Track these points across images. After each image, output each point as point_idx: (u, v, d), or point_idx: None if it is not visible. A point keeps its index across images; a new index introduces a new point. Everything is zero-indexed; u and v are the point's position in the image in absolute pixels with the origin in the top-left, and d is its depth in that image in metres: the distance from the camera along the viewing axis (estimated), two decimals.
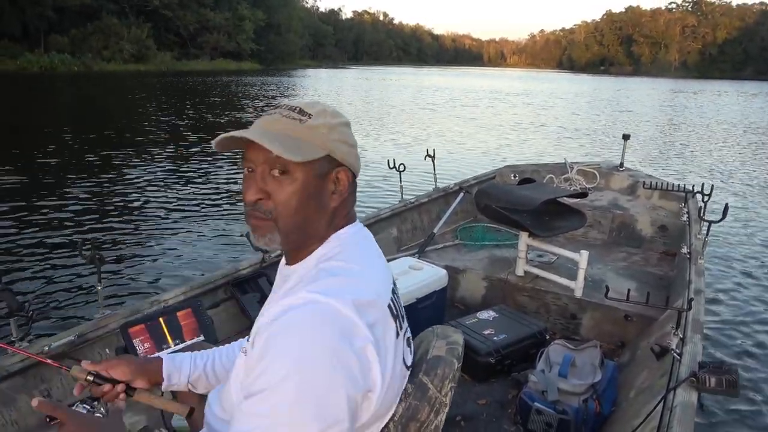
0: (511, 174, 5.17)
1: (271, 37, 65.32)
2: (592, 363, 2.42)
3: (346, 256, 0.88)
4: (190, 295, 2.47)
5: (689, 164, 11.49)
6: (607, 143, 13.80)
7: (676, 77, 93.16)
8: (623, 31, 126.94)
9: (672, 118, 21.80)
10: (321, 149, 0.87)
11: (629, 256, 4.00)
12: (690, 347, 2.00)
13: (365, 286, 0.83)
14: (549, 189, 3.93)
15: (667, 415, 1.64)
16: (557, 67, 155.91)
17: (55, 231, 6.11)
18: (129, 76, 34.52)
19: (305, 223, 0.88)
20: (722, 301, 4.61)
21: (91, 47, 40.73)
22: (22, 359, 1.89)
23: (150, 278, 4.92)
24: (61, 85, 26.03)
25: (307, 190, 0.86)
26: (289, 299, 0.79)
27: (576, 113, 22.61)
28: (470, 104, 25.25)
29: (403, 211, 4.07)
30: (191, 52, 53.86)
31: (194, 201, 7.65)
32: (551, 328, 3.11)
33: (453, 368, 0.94)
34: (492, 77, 66.57)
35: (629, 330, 2.93)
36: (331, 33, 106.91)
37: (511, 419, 2.37)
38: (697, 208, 3.87)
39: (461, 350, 1.00)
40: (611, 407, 2.29)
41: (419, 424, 0.87)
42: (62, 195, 7.65)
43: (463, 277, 3.50)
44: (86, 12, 41.21)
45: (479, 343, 2.62)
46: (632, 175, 5.15)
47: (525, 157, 11.24)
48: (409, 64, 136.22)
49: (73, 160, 10.24)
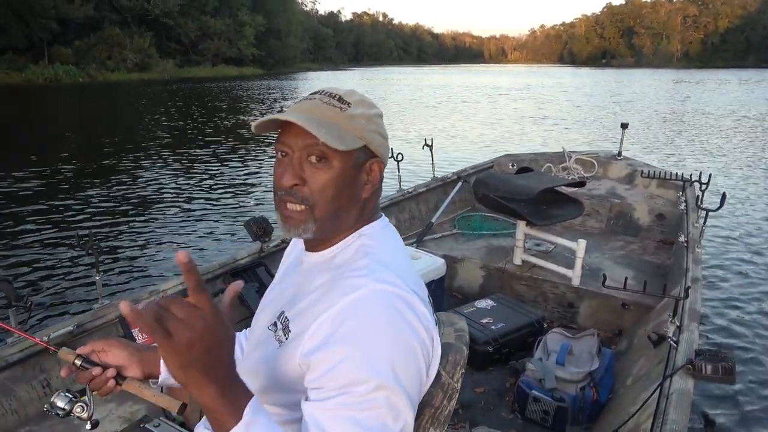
0: (509, 163, 5.16)
1: (271, 41, 65.98)
2: (590, 351, 2.44)
3: (389, 251, 0.88)
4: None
5: (687, 152, 11.48)
6: (607, 134, 13.78)
7: (679, 68, 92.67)
8: (624, 23, 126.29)
9: (672, 108, 21.76)
10: (359, 139, 0.86)
11: (627, 244, 4.01)
12: (687, 335, 2.01)
13: (415, 279, 0.85)
14: (547, 178, 3.93)
15: (664, 402, 1.66)
16: (558, 62, 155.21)
17: (54, 223, 6.11)
18: (133, 85, 35.16)
19: (339, 212, 0.87)
20: (719, 290, 4.63)
21: (95, 58, 41.33)
22: (21, 349, 1.90)
23: (148, 268, 4.92)
24: (67, 96, 26.42)
25: (343, 180, 0.85)
26: (354, 288, 0.78)
27: (577, 105, 22.59)
28: (471, 100, 25.26)
29: (401, 200, 4.07)
30: (193, 59, 54.31)
31: (192, 194, 7.65)
32: (549, 316, 3.13)
33: (463, 354, 0.94)
34: (493, 74, 66.45)
35: (626, 318, 2.94)
36: (331, 35, 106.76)
37: (508, 407, 2.39)
38: (694, 196, 3.87)
39: (468, 337, 1.00)
40: (608, 395, 2.31)
41: (433, 410, 0.88)
42: (63, 190, 7.65)
43: (461, 266, 3.51)
44: (89, 23, 41.70)
45: (477, 332, 2.64)
46: (630, 164, 5.15)
47: (525, 147, 11.22)
48: (409, 64, 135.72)
49: (74, 161, 10.25)
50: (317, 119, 0.83)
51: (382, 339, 0.73)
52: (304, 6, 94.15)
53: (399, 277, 0.79)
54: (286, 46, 71.19)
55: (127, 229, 5.99)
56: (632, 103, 23.61)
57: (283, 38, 69.96)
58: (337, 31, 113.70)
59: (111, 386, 0.93)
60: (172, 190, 7.74)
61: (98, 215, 6.45)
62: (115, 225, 6.13)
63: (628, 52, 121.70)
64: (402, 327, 0.75)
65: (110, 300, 2.26)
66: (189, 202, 7.15)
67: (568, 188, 3.85)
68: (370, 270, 0.80)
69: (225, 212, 6.71)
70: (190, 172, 8.85)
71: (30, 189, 7.47)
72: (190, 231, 6.00)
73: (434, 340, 0.81)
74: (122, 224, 6.16)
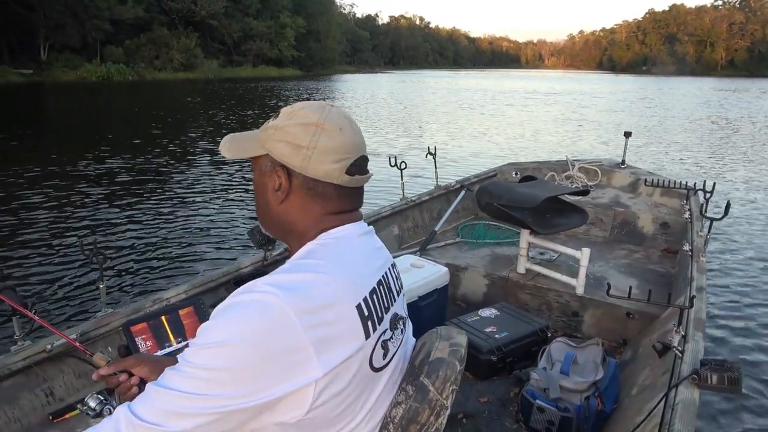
0: (513, 171, 5.16)
1: (310, 43, 67.83)
2: (594, 360, 2.42)
3: (319, 256, 0.87)
4: (191, 293, 2.47)
5: (690, 162, 11.46)
6: (661, 146, 13.32)
7: (723, 76, 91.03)
8: (666, 29, 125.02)
9: (709, 116, 21.67)
10: (260, 148, 0.93)
11: (631, 253, 3.99)
12: (692, 345, 2.00)
13: (322, 286, 0.82)
14: (550, 186, 3.92)
15: (669, 412, 1.64)
16: (597, 68, 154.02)
17: (58, 231, 6.13)
18: (179, 83, 37.62)
19: (265, 215, 0.97)
20: (724, 299, 4.61)
21: (144, 57, 43.63)
22: (24, 358, 1.90)
23: (152, 277, 4.93)
24: (118, 93, 28.49)
25: (256, 185, 0.96)
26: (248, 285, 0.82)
27: (615, 111, 22.54)
28: (503, 103, 25.50)
29: (404, 209, 4.06)
30: (235, 59, 56.52)
31: (196, 202, 7.66)
32: (553, 325, 3.11)
33: (455, 370, 0.93)
34: (530, 79, 66.84)
35: (631, 327, 2.92)
36: (368, 38, 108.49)
37: (512, 417, 2.37)
38: (699, 205, 3.86)
39: (464, 352, 0.98)
40: (613, 405, 2.29)
41: (419, 426, 0.87)
42: (67, 197, 7.67)
43: (464, 275, 3.50)
44: (139, 24, 44.30)
45: (481, 341, 2.63)
46: (634, 172, 5.14)
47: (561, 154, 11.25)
48: (445, 68, 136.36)
49: (83, 163, 10.25)
50: (241, 134, 0.97)
51: (220, 330, 0.77)
52: (342, 9, 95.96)
53: (295, 283, 0.80)
54: (324, 49, 72.87)
55: (131, 237, 6.01)
56: (669, 110, 23.44)
57: (322, 40, 71.62)
58: (373, 34, 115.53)
59: (135, 392, 1.04)
60: (175, 197, 7.76)
61: (102, 222, 6.46)
62: (119, 233, 6.14)
63: (669, 60, 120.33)
64: (248, 325, 0.76)
65: (114, 308, 2.26)
66: (194, 209, 7.16)
67: (571, 197, 3.85)
68: (277, 273, 0.85)
69: (230, 220, 6.73)
70: (197, 182, 8.88)
71: (35, 193, 7.50)
72: (194, 239, 6.02)
73: (300, 349, 0.77)
74: (126, 232, 6.17)
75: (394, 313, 0.96)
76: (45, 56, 38.29)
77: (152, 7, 46.61)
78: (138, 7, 43.47)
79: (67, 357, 2.02)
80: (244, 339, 0.75)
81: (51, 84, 32.62)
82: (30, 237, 5.84)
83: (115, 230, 6.23)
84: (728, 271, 5.24)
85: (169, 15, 48.79)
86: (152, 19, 46.33)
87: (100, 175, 9.00)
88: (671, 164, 10.97)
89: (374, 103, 25.29)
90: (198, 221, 6.68)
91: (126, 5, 42.07)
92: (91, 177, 8.82)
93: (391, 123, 17.60)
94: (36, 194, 7.57)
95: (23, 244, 5.64)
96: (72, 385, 2.04)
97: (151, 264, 5.24)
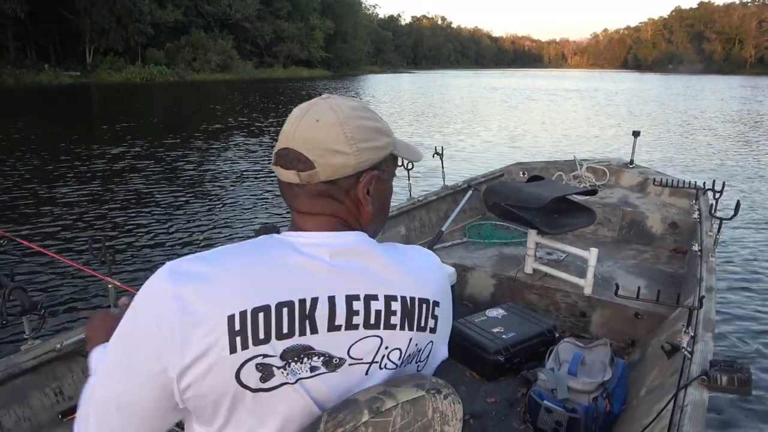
0: (520, 171, 5.14)
1: (338, 45, 69.59)
2: (602, 361, 2.41)
3: (225, 253, 0.83)
4: None
5: (700, 161, 11.38)
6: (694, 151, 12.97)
7: (752, 74, 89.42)
8: (694, 27, 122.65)
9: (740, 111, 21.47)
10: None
11: (639, 253, 3.97)
12: (701, 345, 1.98)
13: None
14: (558, 186, 3.91)
15: (678, 413, 1.63)
16: (621, 67, 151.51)
17: (67, 229, 6.17)
18: (217, 84, 39.63)
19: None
20: (734, 299, 4.57)
21: (183, 59, 46.04)
22: (34, 356, 1.91)
23: None
24: (161, 93, 30.37)
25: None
26: None
27: (635, 113, 22.41)
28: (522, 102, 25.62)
29: (411, 209, 4.06)
30: (266, 60, 58.68)
31: (208, 200, 7.69)
32: (561, 326, 3.10)
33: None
34: (553, 78, 66.72)
35: (639, 328, 2.91)
36: (390, 39, 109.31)
37: (520, 417, 2.37)
38: (708, 205, 3.83)
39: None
40: (621, 406, 2.28)
41: None
42: (78, 194, 7.72)
43: (471, 275, 3.49)
44: (178, 27, 46.78)
45: (488, 341, 2.62)
46: (642, 172, 5.11)
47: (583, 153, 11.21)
48: (467, 68, 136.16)
49: (99, 163, 10.32)
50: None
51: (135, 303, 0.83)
52: (366, 10, 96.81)
53: (186, 267, 0.83)
54: (351, 50, 74.60)
55: (140, 234, 6.04)
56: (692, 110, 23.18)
57: (349, 41, 73.29)
58: (396, 35, 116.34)
59: None
60: (188, 195, 7.79)
61: (112, 220, 6.51)
62: (128, 230, 6.18)
63: (696, 58, 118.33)
64: (146, 298, 0.82)
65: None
66: (204, 207, 7.19)
67: (579, 196, 3.83)
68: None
69: (243, 219, 6.75)
70: (210, 180, 8.91)
71: (45, 191, 7.56)
72: (205, 236, 6.05)
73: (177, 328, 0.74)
74: (136, 229, 6.21)
75: (306, 345, 0.76)
76: (90, 59, 40.69)
77: (190, 10, 49.15)
78: (177, 10, 46.10)
79: (76, 356, 2.04)
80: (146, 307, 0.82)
81: (97, 85, 34.39)
82: (41, 231, 5.89)
83: (125, 228, 6.27)
84: (738, 271, 5.20)
85: (205, 18, 50.92)
86: (190, 22, 48.53)
87: (117, 172, 9.06)
88: (692, 162, 10.90)
89: (397, 101, 25.51)
90: (210, 219, 6.71)
91: (166, 9, 44.89)
92: (108, 175, 8.88)
93: (408, 122, 17.74)
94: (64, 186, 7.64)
95: (34, 240, 5.68)
96: (82, 384, 2.05)
97: (160, 262, 5.26)
